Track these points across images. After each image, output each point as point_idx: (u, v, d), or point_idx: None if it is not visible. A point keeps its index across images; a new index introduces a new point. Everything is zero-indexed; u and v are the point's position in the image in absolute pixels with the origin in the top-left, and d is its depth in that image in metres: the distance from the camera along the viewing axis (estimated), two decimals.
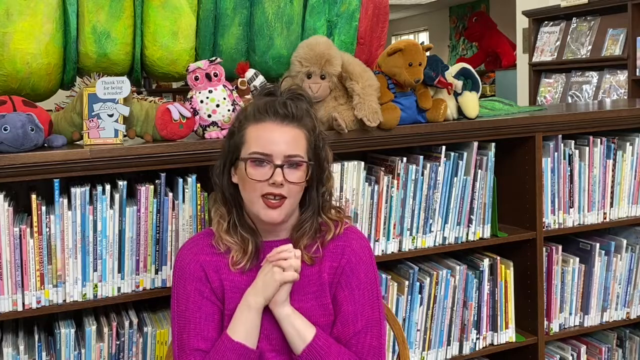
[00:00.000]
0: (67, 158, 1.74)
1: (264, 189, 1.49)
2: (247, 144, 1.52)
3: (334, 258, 1.58)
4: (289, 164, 1.50)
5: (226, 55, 2.14)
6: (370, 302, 1.58)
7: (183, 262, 1.59)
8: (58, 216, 1.77)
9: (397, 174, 2.10)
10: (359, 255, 1.59)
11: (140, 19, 2.06)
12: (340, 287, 1.57)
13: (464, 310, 2.24)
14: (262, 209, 1.51)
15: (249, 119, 1.54)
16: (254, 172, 1.50)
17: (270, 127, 1.52)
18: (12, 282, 1.75)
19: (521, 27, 6.15)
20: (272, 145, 1.50)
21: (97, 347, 1.86)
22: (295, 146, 1.52)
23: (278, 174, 1.49)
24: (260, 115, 1.53)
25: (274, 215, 1.51)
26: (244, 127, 1.54)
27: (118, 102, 1.84)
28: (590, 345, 2.55)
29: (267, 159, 1.50)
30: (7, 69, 1.92)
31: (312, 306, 1.55)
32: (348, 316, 1.56)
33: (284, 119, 1.52)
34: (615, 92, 4.95)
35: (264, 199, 1.50)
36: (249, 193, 1.52)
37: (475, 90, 2.23)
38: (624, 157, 2.43)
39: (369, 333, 1.56)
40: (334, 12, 2.25)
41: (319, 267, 1.57)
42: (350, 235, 1.62)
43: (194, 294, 1.56)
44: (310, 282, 1.57)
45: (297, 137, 1.52)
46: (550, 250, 2.36)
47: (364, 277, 1.59)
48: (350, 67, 1.99)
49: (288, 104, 1.53)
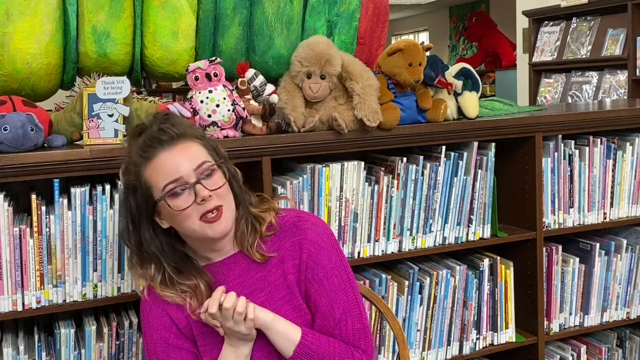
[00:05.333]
0: (67, 158, 1.74)
1: (199, 211, 1.44)
2: (154, 185, 1.45)
3: (294, 256, 1.54)
4: (202, 175, 1.45)
5: (226, 55, 2.14)
6: (342, 287, 1.55)
7: (145, 311, 1.56)
8: (58, 216, 1.77)
9: (397, 174, 2.09)
10: (317, 244, 1.55)
11: (140, 19, 2.06)
12: (309, 282, 1.54)
13: (464, 310, 2.24)
14: (208, 228, 1.45)
15: (140, 164, 1.47)
16: (178, 202, 1.43)
17: (164, 156, 1.45)
18: (12, 282, 1.75)
19: (521, 27, 6.15)
20: (177, 168, 1.44)
21: (97, 347, 1.86)
22: (197, 156, 1.47)
23: (201, 190, 1.43)
24: (147, 153, 1.46)
25: (221, 227, 1.46)
26: (139, 174, 1.47)
27: (118, 102, 1.84)
28: (590, 345, 2.55)
29: (181, 183, 1.43)
30: (7, 69, 1.92)
31: (286, 311, 1.53)
32: (324, 309, 1.53)
33: (170, 141, 1.46)
34: (615, 92, 4.95)
35: (203, 220, 1.45)
36: (185, 225, 1.46)
37: (475, 90, 2.23)
38: (624, 157, 2.43)
39: (349, 318, 1.55)
40: (334, 12, 2.25)
41: (282, 270, 1.54)
42: (303, 226, 1.57)
43: (160, 343, 1.53)
44: (278, 287, 1.54)
45: (192, 148, 1.48)
46: (550, 250, 2.36)
47: (328, 264, 1.55)
48: (350, 67, 1.99)
49: (164, 127, 1.47)
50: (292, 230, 1.57)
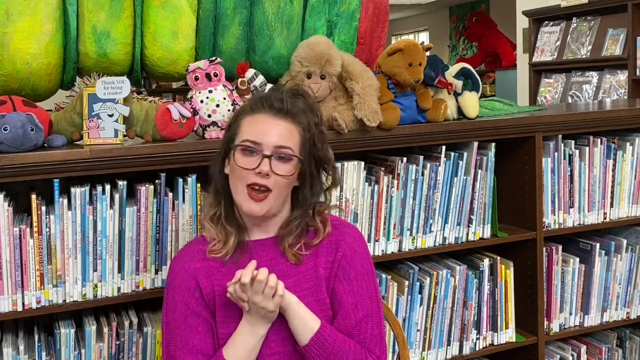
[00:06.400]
0: (67, 158, 1.74)
1: (250, 178, 1.50)
2: (240, 133, 1.54)
3: (328, 252, 1.59)
4: (278, 155, 1.51)
5: (226, 55, 2.14)
6: (369, 292, 1.59)
7: (173, 272, 1.60)
8: (58, 216, 1.77)
9: (397, 174, 2.09)
10: (353, 248, 1.60)
11: (140, 19, 2.06)
12: (338, 280, 1.57)
13: (464, 310, 2.24)
14: (245, 200, 1.51)
15: (245, 111, 1.57)
16: (243, 160, 1.51)
17: (264, 118, 1.53)
18: (12, 282, 1.75)
19: (521, 27, 6.15)
20: (263, 135, 1.51)
21: (97, 347, 1.86)
22: (287, 139, 1.52)
23: (265, 164, 1.49)
24: (255, 107, 1.56)
25: (255, 208, 1.51)
26: (239, 118, 1.57)
27: (118, 102, 1.84)
28: (590, 345, 2.55)
29: (257, 147, 1.50)
30: (7, 69, 1.92)
31: (309, 302, 1.55)
32: (348, 307, 1.56)
33: (277, 112, 1.54)
34: (615, 92, 4.94)
35: (248, 190, 1.50)
36: (235, 182, 1.53)
37: (475, 90, 2.23)
38: (624, 157, 2.43)
39: (369, 322, 1.57)
40: (334, 12, 2.25)
41: (315, 263, 1.58)
42: (342, 229, 1.63)
43: (181, 306, 1.56)
44: (307, 277, 1.57)
45: (289, 131, 1.53)
46: (550, 250, 2.36)
47: (360, 268, 1.59)
48: (350, 67, 1.99)
49: (284, 99, 1.55)
50: (331, 230, 1.61)
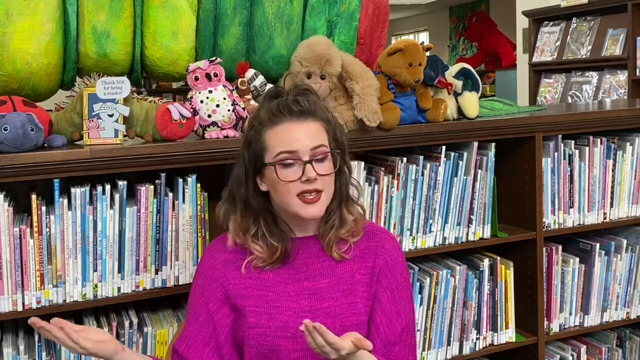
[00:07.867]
0: (67, 158, 1.74)
1: (298, 188, 1.49)
2: (270, 148, 1.51)
3: (366, 258, 1.59)
4: (316, 158, 1.50)
5: (226, 55, 2.14)
6: (408, 301, 1.63)
7: (205, 257, 1.62)
8: (58, 216, 1.77)
9: (397, 174, 2.09)
10: (393, 256, 1.62)
11: (140, 19, 2.06)
12: (381, 288, 1.59)
13: (464, 310, 2.24)
14: (301, 208, 1.50)
15: (265, 124, 1.52)
16: (284, 173, 1.49)
17: (289, 126, 1.51)
18: (12, 282, 1.75)
19: (521, 27, 6.15)
20: (296, 142, 1.49)
21: None
22: (319, 137, 1.52)
23: (309, 170, 1.48)
24: (275, 117, 1.52)
25: (314, 210, 1.51)
26: (261, 133, 1.52)
27: (118, 102, 1.84)
28: (590, 345, 2.55)
29: (294, 157, 1.49)
30: (7, 69, 1.92)
31: (342, 304, 1.55)
32: (392, 316, 1.58)
33: (300, 115, 1.51)
34: (615, 92, 4.95)
35: (300, 198, 1.49)
36: (283, 196, 1.50)
37: (475, 90, 2.23)
38: (624, 157, 2.43)
39: (409, 332, 1.60)
40: (334, 12, 2.25)
41: (351, 267, 1.58)
42: (380, 236, 1.64)
43: (200, 290, 1.59)
44: (342, 280, 1.57)
45: (317, 129, 1.53)
46: (550, 251, 2.36)
47: (400, 277, 1.61)
48: (350, 67, 1.99)
49: (299, 100, 1.53)
50: (368, 235, 1.63)
